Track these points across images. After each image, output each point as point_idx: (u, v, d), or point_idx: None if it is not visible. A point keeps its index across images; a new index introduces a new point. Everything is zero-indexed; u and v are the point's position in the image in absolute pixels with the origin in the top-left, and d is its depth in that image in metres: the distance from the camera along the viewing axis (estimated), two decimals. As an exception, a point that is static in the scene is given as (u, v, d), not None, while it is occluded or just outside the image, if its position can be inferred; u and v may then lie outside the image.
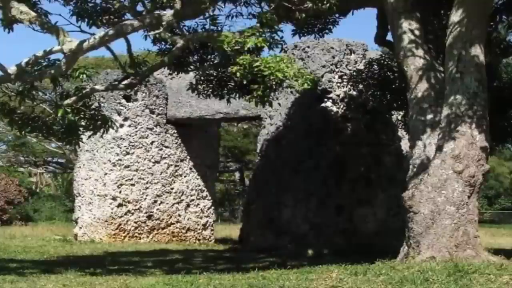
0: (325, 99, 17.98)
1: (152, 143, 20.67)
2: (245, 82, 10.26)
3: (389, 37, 12.58)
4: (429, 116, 10.44)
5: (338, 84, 18.09)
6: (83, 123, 11.62)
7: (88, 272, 11.34)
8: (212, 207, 22.27)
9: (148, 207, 20.46)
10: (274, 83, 9.88)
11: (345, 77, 18.00)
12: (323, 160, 17.61)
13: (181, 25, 11.54)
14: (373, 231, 17.61)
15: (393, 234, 15.37)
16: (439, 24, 12.75)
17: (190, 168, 21.51)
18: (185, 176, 21.35)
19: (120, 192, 20.18)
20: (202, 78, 14.21)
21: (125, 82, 12.16)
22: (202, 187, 21.83)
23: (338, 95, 18.05)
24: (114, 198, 20.13)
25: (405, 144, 17.32)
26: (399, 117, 16.59)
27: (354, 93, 17.85)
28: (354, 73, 17.31)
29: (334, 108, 17.98)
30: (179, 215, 21.13)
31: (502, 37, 14.16)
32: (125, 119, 20.39)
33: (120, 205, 20.15)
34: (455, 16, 10.23)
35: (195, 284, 8.66)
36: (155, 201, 20.62)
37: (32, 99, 11.57)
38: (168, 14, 10.39)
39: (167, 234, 20.81)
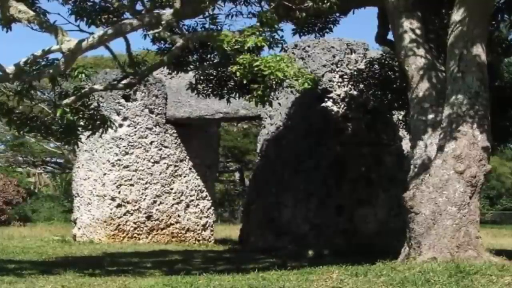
0: (326, 99, 17.93)
1: (151, 143, 20.60)
2: (245, 82, 10.19)
3: (390, 36, 12.54)
4: (430, 116, 10.39)
5: (339, 84, 18.03)
6: (82, 123, 11.58)
7: (87, 273, 11.30)
8: (212, 208, 22.19)
9: (148, 207, 20.39)
10: (274, 82, 9.83)
11: (345, 76, 17.94)
12: (323, 160, 17.56)
13: (180, 24, 11.50)
14: (374, 231, 17.55)
15: (394, 234, 15.34)
16: (440, 23, 12.69)
17: (190, 168, 21.43)
18: (184, 177, 21.28)
19: (119, 192, 20.11)
20: (201, 77, 14.16)
21: (124, 81, 12.13)
22: (202, 187, 21.75)
23: (339, 95, 17.99)
24: (113, 199, 20.06)
25: (406, 144, 17.25)
26: (400, 117, 16.54)
27: (355, 92, 17.78)
28: (355, 73, 17.23)
29: (335, 108, 17.93)
30: (179, 216, 21.06)
31: (503, 36, 14.10)
32: (124, 119, 20.32)
33: (119, 205, 20.09)
34: (456, 15, 10.18)
35: (194, 285, 8.60)
36: (155, 202, 20.55)
37: (30, 98, 11.51)
38: (167, 13, 10.35)
39: (166, 235, 20.74)
